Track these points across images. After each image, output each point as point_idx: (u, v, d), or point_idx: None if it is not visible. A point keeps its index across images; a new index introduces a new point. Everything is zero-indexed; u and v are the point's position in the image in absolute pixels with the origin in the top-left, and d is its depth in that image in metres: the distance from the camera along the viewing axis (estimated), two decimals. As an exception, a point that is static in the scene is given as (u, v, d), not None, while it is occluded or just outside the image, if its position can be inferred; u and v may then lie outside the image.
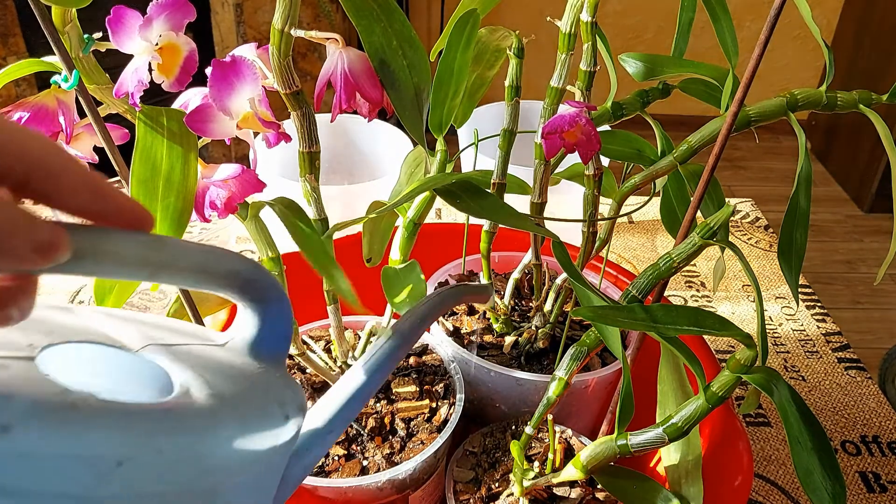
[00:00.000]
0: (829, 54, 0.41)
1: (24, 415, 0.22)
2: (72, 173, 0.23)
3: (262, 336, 0.30)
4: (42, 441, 0.21)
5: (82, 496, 0.22)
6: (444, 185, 0.44)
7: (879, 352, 1.58)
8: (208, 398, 0.26)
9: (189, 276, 0.27)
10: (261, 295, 0.29)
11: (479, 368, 0.56)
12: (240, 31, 2.10)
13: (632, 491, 0.44)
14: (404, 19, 0.41)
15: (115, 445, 0.23)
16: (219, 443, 0.25)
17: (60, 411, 0.22)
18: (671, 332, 0.38)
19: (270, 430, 0.28)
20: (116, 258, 0.24)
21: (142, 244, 0.25)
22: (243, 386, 0.28)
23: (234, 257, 0.28)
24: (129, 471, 0.23)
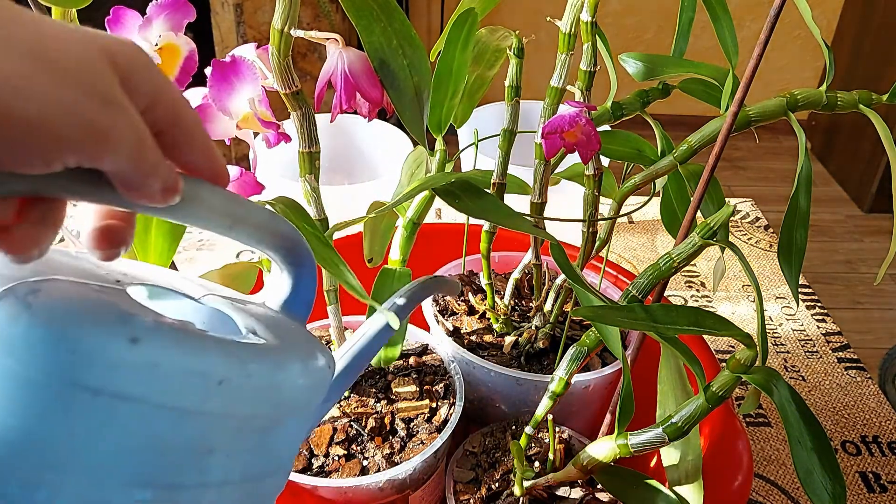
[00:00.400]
0: (829, 54, 0.41)
1: (147, 330, 0.24)
2: (199, 132, 0.27)
3: (292, 298, 0.33)
4: (164, 354, 0.24)
5: (188, 410, 0.24)
6: (443, 185, 0.44)
7: (879, 352, 1.58)
8: (273, 338, 0.29)
9: (256, 232, 0.30)
10: (300, 260, 0.33)
11: (479, 368, 0.56)
12: (240, 31, 2.10)
13: (632, 491, 0.44)
14: (404, 19, 0.41)
15: (218, 365, 0.25)
16: (288, 377, 0.28)
17: (177, 330, 0.25)
18: (671, 332, 0.38)
19: (319, 374, 0.30)
20: (210, 207, 0.28)
21: (227, 198, 0.28)
22: (293, 335, 0.31)
23: (286, 223, 0.31)
24: (226, 389, 0.25)
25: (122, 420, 0.23)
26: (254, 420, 0.27)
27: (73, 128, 0.22)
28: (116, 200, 0.25)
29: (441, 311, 0.62)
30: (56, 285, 0.24)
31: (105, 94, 0.23)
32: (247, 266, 0.50)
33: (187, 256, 0.90)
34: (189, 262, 0.90)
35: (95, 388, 0.22)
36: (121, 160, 0.23)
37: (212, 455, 0.26)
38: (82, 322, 0.23)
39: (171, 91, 0.26)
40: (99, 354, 0.23)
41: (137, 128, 0.24)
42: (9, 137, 0.21)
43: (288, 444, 0.30)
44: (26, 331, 0.22)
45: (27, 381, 0.22)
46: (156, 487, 0.24)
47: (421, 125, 0.44)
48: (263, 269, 0.50)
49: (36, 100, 0.21)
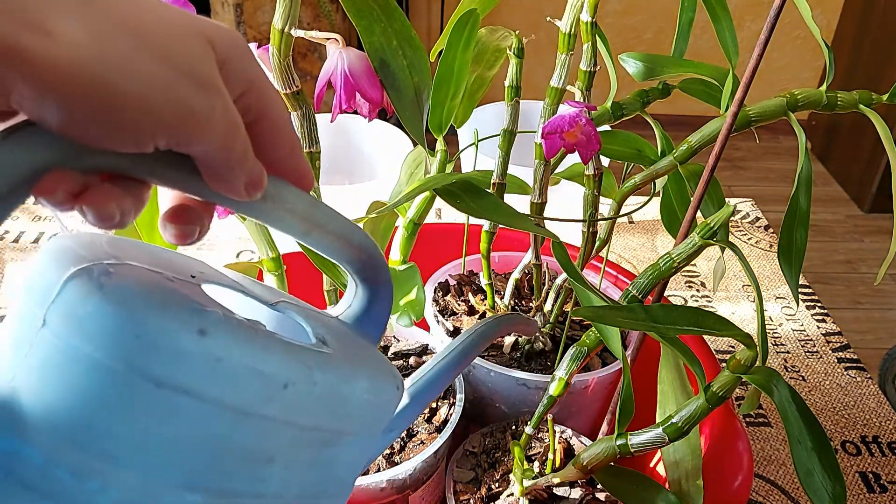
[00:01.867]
0: (829, 54, 0.41)
1: (216, 324, 0.23)
2: (286, 128, 0.27)
3: (366, 317, 0.32)
4: (230, 350, 0.23)
5: (249, 412, 0.24)
6: (444, 185, 0.44)
7: (879, 352, 1.58)
8: (342, 350, 0.28)
9: (333, 240, 0.29)
10: (376, 275, 0.32)
11: (479, 368, 0.56)
12: (240, 31, 2.10)
13: (632, 491, 0.44)
14: (404, 19, 0.41)
15: (284, 369, 0.24)
16: (355, 391, 0.27)
17: (245, 329, 0.24)
18: (671, 332, 0.38)
19: (388, 395, 0.30)
20: (290, 207, 0.27)
21: (308, 201, 0.28)
22: (364, 351, 0.30)
23: (364, 234, 0.31)
24: (290, 395, 0.24)
25: (182, 416, 0.23)
26: (315, 432, 0.26)
27: (169, 108, 0.21)
28: (200, 189, 0.24)
29: (441, 311, 0.62)
30: (130, 270, 0.24)
31: (203, 78, 0.22)
32: (247, 266, 0.50)
33: (187, 256, 0.90)
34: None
35: (158, 379, 0.22)
36: (212, 146, 0.23)
37: (270, 464, 0.25)
38: (151, 308, 0.23)
39: (264, 83, 0.25)
40: (165, 342, 0.22)
41: (231, 115, 0.24)
42: (106, 114, 0.20)
43: (347, 466, 0.29)
44: (96, 311, 0.22)
45: (92, 363, 0.22)
46: (209, 492, 0.24)
47: (421, 125, 0.44)
48: (264, 270, 0.50)
49: (135, 77, 0.21)
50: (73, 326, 0.22)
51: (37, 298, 0.23)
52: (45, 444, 0.22)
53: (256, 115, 0.25)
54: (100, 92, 0.20)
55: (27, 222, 0.97)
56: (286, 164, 0.27)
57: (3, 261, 0.89)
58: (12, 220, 0.97)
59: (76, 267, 0.23)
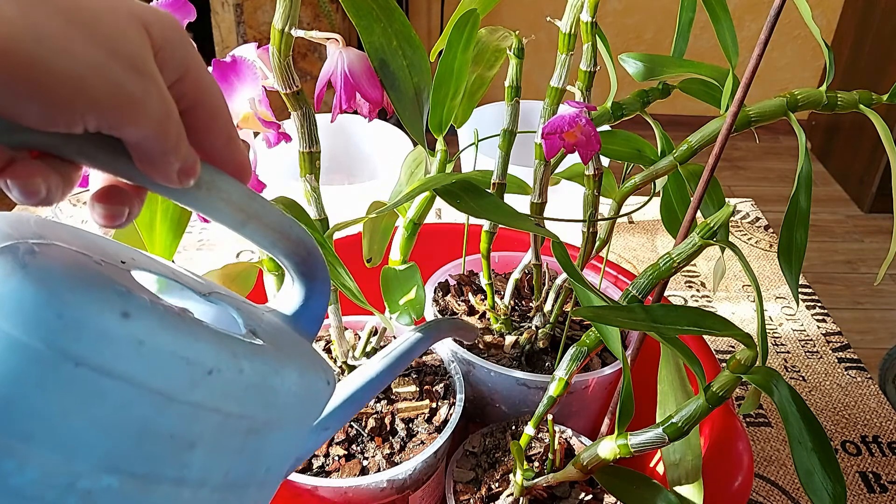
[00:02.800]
0: (829, 54, 0.41)
1: (141, 308, 0.23)
2: (223, 117, 0.26)
3: (302, 311, 0.32)
4: (154, 333, 0.23)
5: (172, 397, 0.24)
6: (444, 185, 0.44)
7: (879, 352, 1.58)
8: (272, 341, 0.28)
9: (269, 232, 0.29)
10: (314, 271, 0.32)
11: (479, 368, 0.56)
12: (240, 31, 2.10)
13: (632, 491, 0.44)
14: (404, 19, 0.41)
15: (210, 355, 0.24)
16: (283, 382, 0.27)
17: (171, 314, 0.24)
18: (671, 332, 0.38)
19: (317, 388, 0.30)
20: (225, 197, 0.27)
21: (244, 192, 0.28)
22: (295, 345, 0.30)
23: (302, 229, 0.30)
24: (214, 382, 0.24)
25: (102, 398, 0.22)
26: (241, 420, 0.26)
27: (100, 89, 0.21)
28: (131, 174, 0.24)
29: (441, 311, 0.62)
30: (56, 250, 0.24)
31: (136, 62, 0.22)
32: (247, 266, 0.50)
33: (187, 256, 0.90)
34: (189, 262, 0.89)
35: (78, 359, 0.22)
36: (143, 131, 0.23)
37: (192, 450, 0.25)
38: (75, 288, 0.22)
39: (200, 70, 0.25)
40: (87, 324, 0.22)
41: (165, 100, 0.23)
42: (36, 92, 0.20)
43: (275, 458, 0.29)
44: (17, 289, 0.22)
45: (11, 342, 0.22)
46: (127, 475, 0.23)
47: (421, 125, 0.44)
48: (264, 270, 0.50)
49: (68, 56, 0.20)
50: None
51: None
52: None
53: (192, 102, 0.25)
54: (31, 69, 0.20)
55: (27, 222, 0.97)
56: (223, 154, 0.27)
57: None
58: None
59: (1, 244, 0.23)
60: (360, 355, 0.55)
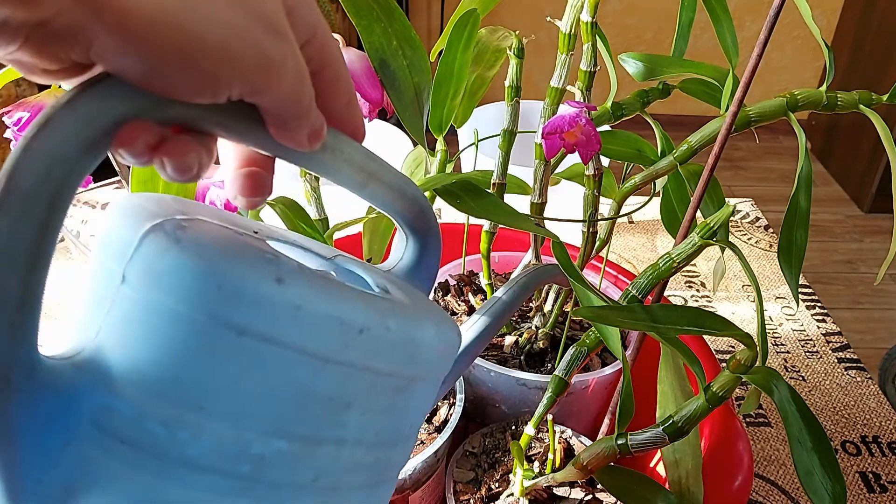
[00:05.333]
0: (829, 54, 0.41)
1: (293, 273, 0.24)
2: (346, 79, 0.26)
3: (417, 269, 0.33)
4: (308, 297, 0.23)
5: (329, 358, 0.24)
6: (444, 185, 0.44)
7: (879, 352, 1.58)
8: (406, 298, 0.28)
9: (388, 191, 0.30)
10: (427, 228, 0.32)
11: (479, 368, 0.56)
12: (240, 31, 2.10)
13: (632, 491, 0.44)
14: (404, 19, 0.41)
15: (360, 315, 0.25)
16: (424, 336, 0.27)
17: (319, 278, 0.24)
18: (671, 332, 0.38)
19: (451, 340, 0.30)
20: (348, 158, 0.27)
21: (364, 153, 0.28)
22: (423, 300, 0.30)
23: (417, 188, 0.31)
24: (365, 340, 0.25)
25: (265, 364, 0.23)
26: (390, 378, 0.26)
27: (247, 56, 0.21)
28: (264, 142, 0.25)
29: (441, 311, 0.62)
30: (203, 225, 0.24)
31: (274, 24, 0.22)
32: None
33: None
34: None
35: (240, 328, 0.22)
36: (282, 95, 0.22)
37: (349, 410, 0.25)
38: (230, 259, 0.23)
39: (326, 31, 0.25)
40: (245, 292, 0.22)
41: (300, 64, 0.23)
42: (188, 63, 0.20)
43: (416, 412, 0.30)
44: (175, 264, 0.22)
45: (175, 316, 0.22)
46: (294, 438, 0.24)
47: (421, 125, 0.44)
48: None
49: (216, 24, 0.20)
50: (153, 281, 0.22)
51: (114, 255, 0.23)
52: (135, 398, 0.22)
53: (319, 65, 0.25)
54: (184, 41, 0.20)
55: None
56: (343, 115, 0.27)
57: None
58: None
59: (151, 223, 0.23)
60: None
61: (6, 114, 0.37)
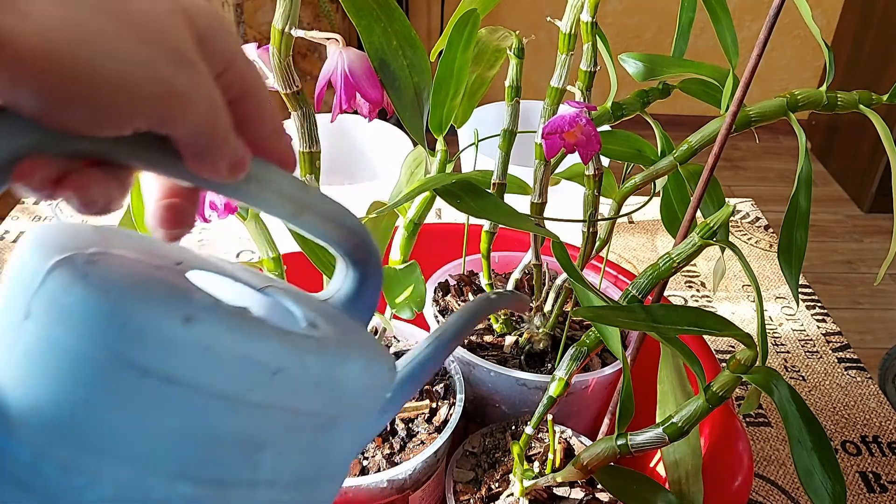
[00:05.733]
0: (829, 54, 0.41)
1: (203, 311, 0.23)
2: (269, 108, 0.26)
3: (356, 299, 0.32)
4: (218, 336, 0.23)
5: (238, 398, 0.23)
6: (444, 186, 0.44)
7: (879, 352, 1.58)
8: (334, 333, 0.27)
9: (322, 223, 0.28)
10: (367, 258, 0.31)
11: (479, 368, 0.56)
12: (240, 31, 2.10)
13: (632, 491, 0.44)
14: (404, 19, 0.41)
15: (274, 354, 0.24)
16: (348, 374, 0.27)
17: (232, 315, 0.24)
18: (671, 332, 0.38)
19: (381, 376, 0.29)
20: (276, 189, 0.26)
21: (295, 182, 0.27)
22: (355, 333, 0.30)
23: (355, 218, 0.30)
24: (281, 381, 0.24)
25: (170, 405, 0.22)
26: (309, 417, 0.26)
27: (149, 88, 0.20)
28: (182, 173, 0.24)
29: (441, 311, 0.62)
30: (114, 258, 0.23)
31: (182, 55, 0.22)
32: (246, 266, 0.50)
33: (187, 256, 0.90)
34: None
35: (144, 368, 0.21)
36: (193, 126, 0.22)
37: (263, 451, 0.24)
38: (136, 296, 0.22)
39: (244, 60, 0.24)
40: (151, 331, 0.22)
41: (212, 93, 0.23)
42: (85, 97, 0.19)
43: (343, 450, 0.29)
44: (79, 300, 0.21)
45: (75, 354, 0.21)
46: (200, 481, 0.23)
47: (421, 125, 0.44)
48: (264, 269, 0.50)
49: (114, 57, 0.20)
50: (57, 317, 0.21)
51: (20, 288, 0.22)
52: (33, 440, 0.21)
53: (238, 94, 0.24)
54: (78, 74, 0.19)
55: (27, 222, 0.97)
56: (270, 145, 0.26)
57: (4, 261, 0.89)
58: (12, 220, 0.97)
59: (59, 256, 0.22)
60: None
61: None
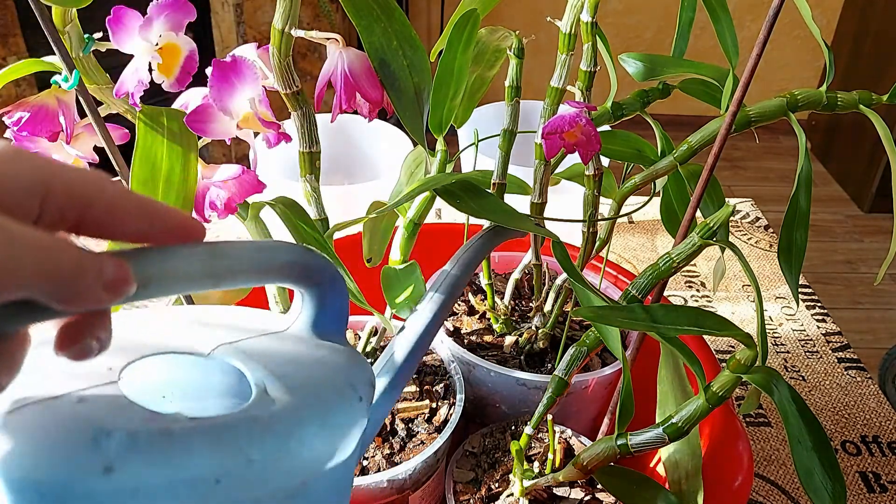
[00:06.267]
0: (829, 54, 0.41)
1: (124, 451, 0.22)
2: (123, 200, 0.23)
3: (321, 315, 0.31)
4: (145, 475, 0.22)
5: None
6: (444, 185, 0.44)
7: (879, 352, 1.58)
8: (286, 394, 0.26)
9: (250, 276, 0.27)
10: (317, 278, 0.30)
11: (479, 368, 0.56)
12: (240, 31, 2.10)
13: (632, 491, 0.44)
14: (404, 19, 0.41)
15: (212, 465, 0.23)
16: (304, 441, 0.26)
17: (157, 440, 0.22)
18: (671, 332, 0.38)
19: (348, 416, 0.28)
20: (182, 276, 0.24)
21: (202, 257, 0.24)
22: (315, 372, 0.29)
23: (287, 249, 0.28)
24: (227, 485, 0.23)
25: None
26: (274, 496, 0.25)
27: None
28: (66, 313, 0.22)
29: (441, 311, 0.62)
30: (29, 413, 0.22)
31: None
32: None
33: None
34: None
35: None
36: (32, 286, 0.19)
37: None
38: (51, 458, 0.21)
39: (64, 172, 0.21)
40: (71, 492, 0.21)
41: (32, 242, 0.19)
42: None
43: (328, 491, 0.28)
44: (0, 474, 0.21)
45: None
46: None
47: (421, 125, 0.44)
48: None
49: None
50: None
51: None
52: None
53: (80, 206, 0.21)
54: None
55: (27, 222, 0.97)
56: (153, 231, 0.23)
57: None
58: (12, 220, 0.97)
59: None
60: (360, 355, 0.55)
61: (6, 114, 0.37)
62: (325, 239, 0.44)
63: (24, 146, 0.38)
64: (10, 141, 0.23)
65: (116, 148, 0.39)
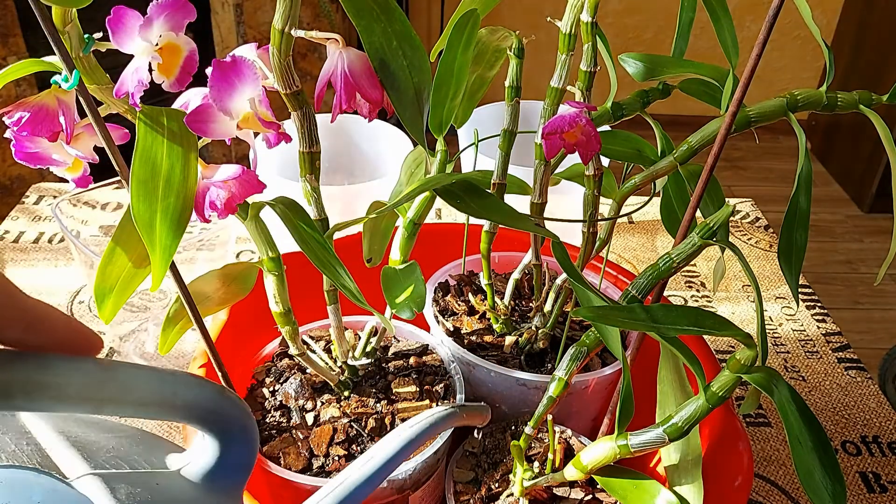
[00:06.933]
0: (829, 54, 0.41)
1: None
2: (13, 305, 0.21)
3: (220, 465, 0.27)
4: None
5: None
6: (444, 186, 0.44)
7: (879, 352, 1.58)
8: None
9: (140, 409, 0.23)
10: (223, 426, 0.27)
11: (479, 368, 0.56)
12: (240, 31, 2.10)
13: (632, 491, 0.44)
14: (404, 19, 0.41)
15: None
16: None
17: None
18: (671, 332, 0.38)
19: None
20: (54, 394, 0.21)
21: (86, 375, 0.21)
22: None
23: (195, 386, 0.25)
24: None
25: None
26: None
27: None
28: None
29: (441, 311, 0.62)
30: None
31: None
32: (246, 266, 0.50)
33: (187, 256, 0.90)
34: (189, 262, 0.89)
35: None
36: None
37: None
38: None
39: None
40: None
41: None
42: None
43: None
44: None
45: None
46: None
47: (421, 125, 0.44)
48: (264, 270, 0.50)
49: None
50: None
51: None
52: None
53: None
54: None
55: (27, 222, 0.97)
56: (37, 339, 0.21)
57: (4, 261, 0.89)
58: (12, 220, 0.97)
59: None
60: (360, 355, 0.55)
61: (6, 114, 0.37)
62: (324, 239, 0.44)
63: (24, 146, 0.38)
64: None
65: (116, 148, 0.39)
